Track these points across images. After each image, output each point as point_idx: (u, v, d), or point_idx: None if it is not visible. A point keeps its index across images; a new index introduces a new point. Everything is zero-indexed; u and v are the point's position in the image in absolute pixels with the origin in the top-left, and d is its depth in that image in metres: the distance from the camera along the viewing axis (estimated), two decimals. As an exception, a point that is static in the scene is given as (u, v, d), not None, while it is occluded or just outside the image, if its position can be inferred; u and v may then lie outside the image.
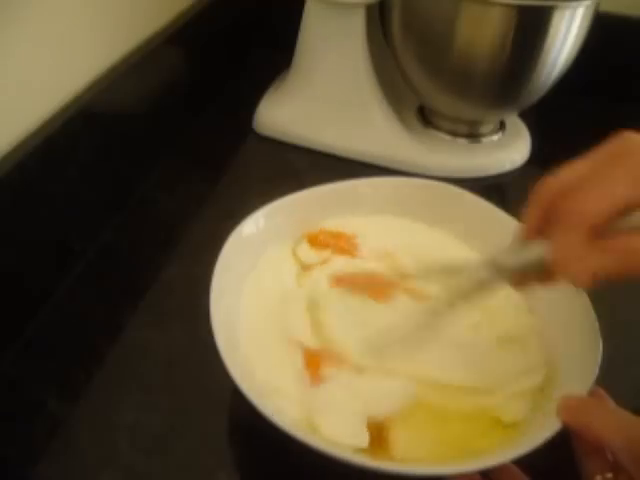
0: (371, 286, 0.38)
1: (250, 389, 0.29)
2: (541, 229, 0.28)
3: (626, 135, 0.26)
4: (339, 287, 0.38)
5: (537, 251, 0.28)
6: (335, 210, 0.43)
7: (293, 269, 0.40)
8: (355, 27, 0.54)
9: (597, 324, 0.32)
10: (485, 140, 0.59)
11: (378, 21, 0.56)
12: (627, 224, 0.25)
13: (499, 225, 0.40)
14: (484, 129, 0.59)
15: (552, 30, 0.47)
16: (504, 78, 0.51)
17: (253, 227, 0.39)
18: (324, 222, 0.42)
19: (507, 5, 0.45)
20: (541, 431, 0.28)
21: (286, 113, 0.60)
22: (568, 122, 0.63)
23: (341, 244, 0.41)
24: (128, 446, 0.34)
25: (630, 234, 0.24)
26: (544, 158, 0.58)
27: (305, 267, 0.40)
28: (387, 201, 0.43)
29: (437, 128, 0.60)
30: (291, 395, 0.32)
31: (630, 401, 0.28)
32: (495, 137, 0.60)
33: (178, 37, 0.56)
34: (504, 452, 0.28)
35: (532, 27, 0.47)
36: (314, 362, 0.34)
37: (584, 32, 0.49)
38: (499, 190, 0.56)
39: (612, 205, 0.24)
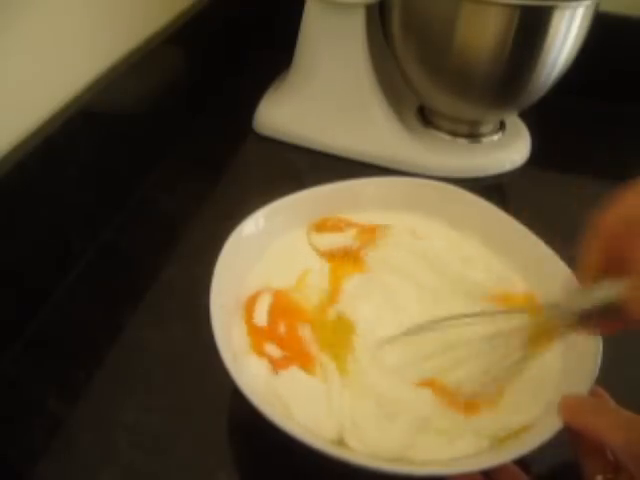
0: None
1: (250, 391, 0.29)
2: (605, 267, 0.26)
3: None
4: None
5: (606, 293, 0.26)
6: (335, 210, 0.43)
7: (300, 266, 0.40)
8: (355, 27, 0.54)
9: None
10: (485, 140, 0.60)
11: (378, 21, 0.56)
12: None
13: (499, 225, 0.40)
14: (484, 129, 0.59)
15: (552, 30, 0.47)
16: (504, 78, 0.51)
17: (253, 227, 0.39)
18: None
19: (507, 5, 0.45)
20: (542, 431, 0.28)
21: (286, 113, 0.60)
22: (568, 122, 0.63)
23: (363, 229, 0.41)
24: (128, 446, 0.34)
25: None
26: (544, 158, 0.59)
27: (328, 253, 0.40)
28: (387, 200, 0.43)
29: (437, 128, 0.60)
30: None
31: (630, 401, 0.28)
32: (495, 137, 0.60)
33: (178, 37, 0.56)
34: (505, 452, 0.28)
35: (532, 27, 0.47)
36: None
37: (584, 32, 0.50)
38: (499, 190, 0.56)
39: None
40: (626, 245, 0.24)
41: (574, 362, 0.31)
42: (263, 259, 0.39)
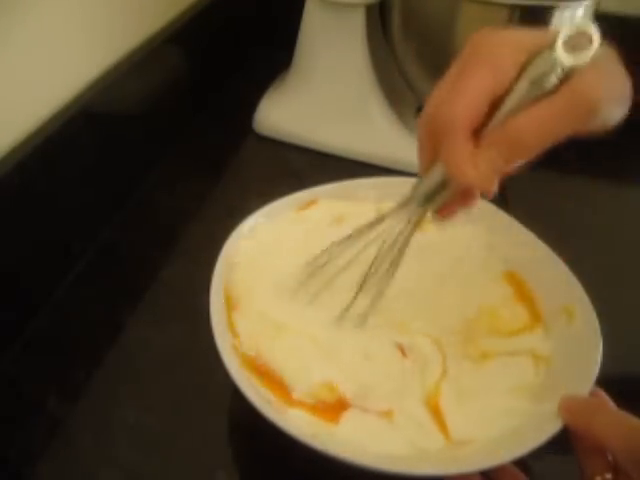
0: None
1: (250, 390, 0.29)
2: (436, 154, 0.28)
3: (476, 36, 0.26)
4: None
5: (439, 171, 0.29)
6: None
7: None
8: (355, 27, 0.53)
9: (597, 324, 0.32)
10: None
11: (378, 21, 0.56)
12: (503, 112, 0.25)
13: (497, 225, 0.40)
14: (484, 129, 0.59)
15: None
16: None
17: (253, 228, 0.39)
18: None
19: (507, 5, 0.45)
20: (541, 432, 0.28)
21: (286, 113, 0.60)
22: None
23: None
24: (128, 446, 0.34)
25: (505, 122, 0.25)
26: (544, 158, 0.58)
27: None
28: (385, 200, 0.43)
29: (437, 128, 0.60)
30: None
31: (630, 402, 0.28)
32: (495, 137, 0.60)
33: (178, 37, 0.56)
34: (505, 452, 0.28)
35: (532, 27, 0.47)
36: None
37: (584, 32, 0.49)
38: (499, 190, 0.56)
39: (478, 100, 0.25)
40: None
41: (574, 363, 0.31)
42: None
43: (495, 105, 0.25)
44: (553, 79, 0.24)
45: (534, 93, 0.25)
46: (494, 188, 0.27)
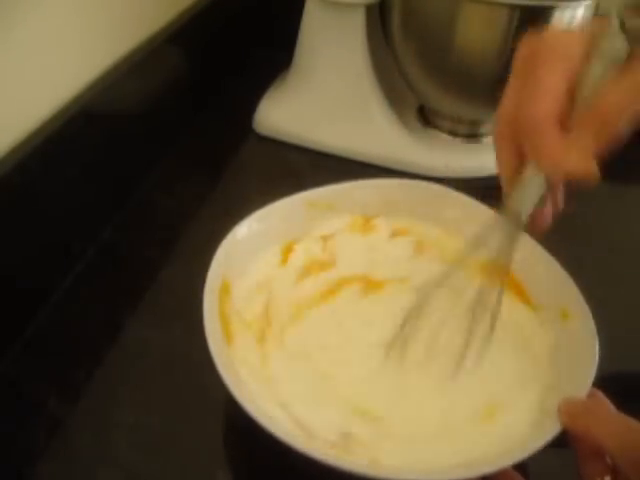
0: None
1: (245, 397, 0.29)
2: (520, 161, 0.28)
3: (529, 38, 0.28)
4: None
5: (532, 177, 0.28)
6: (329, 213, 0.42)
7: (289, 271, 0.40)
8: (355, 27, 0.53)
9: (594, 325, 0.32)
10: (485, 140, 0.59)
11: (378, 21, 0.56)
12: (584, 97, 0.25)
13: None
14: (484, 129, 0.59)
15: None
16: (504, 78, 0.51)
17: (246, 231, 0.39)
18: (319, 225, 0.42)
19: (507, 5, 0.45)
20: (540, 435, 0.27)
21: (286, 113, 0.60)
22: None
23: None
24: (127, 446, 0.34)
25: (591, 104, 0.25)
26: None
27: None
28: (382, 202, 0.43)
29: (437, 128, 0.60)
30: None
31: (628, 403, 0.28)
32: (495, 137, 0.60)
33: (178, 37, 0.56)
34: (504, 457, 0.27)
35: (532, 27, 0.47)
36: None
37: (584, 32, 0.49)
38: (499, 190, 0.56)
39: (558, 91, 0.25)
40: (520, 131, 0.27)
41: (572, 365, 0.31)
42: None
43: (572, 92, 0.26)
44: (625, 46, 0.24)
45: (609, 70, 0.25)
46: (596, 171, 0.26)
